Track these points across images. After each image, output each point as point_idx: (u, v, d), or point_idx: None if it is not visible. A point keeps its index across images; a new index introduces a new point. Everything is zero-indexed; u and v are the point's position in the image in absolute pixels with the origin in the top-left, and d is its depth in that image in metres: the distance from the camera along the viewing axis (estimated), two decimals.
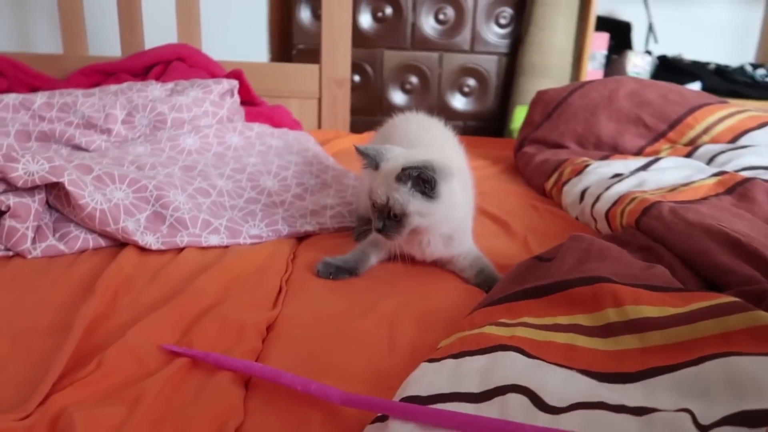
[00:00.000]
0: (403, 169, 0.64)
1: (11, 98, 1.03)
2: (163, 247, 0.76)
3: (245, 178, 0.96)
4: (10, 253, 0.73)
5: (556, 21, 1.98)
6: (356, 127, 1.73)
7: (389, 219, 0.66)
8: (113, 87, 1.13)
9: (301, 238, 0.85)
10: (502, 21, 2.20)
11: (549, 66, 2.01)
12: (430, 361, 0.49)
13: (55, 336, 0.55)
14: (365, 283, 0.71)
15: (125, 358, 0.52)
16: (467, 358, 0.47)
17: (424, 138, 0.82)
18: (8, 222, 0.72)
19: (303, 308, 0.64)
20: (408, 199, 0.65)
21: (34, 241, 0.73)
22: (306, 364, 0.53)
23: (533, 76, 2.03)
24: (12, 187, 0.73)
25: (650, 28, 2.05)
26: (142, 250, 0.75)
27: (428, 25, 2.20)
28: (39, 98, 1.04)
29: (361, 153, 0.71)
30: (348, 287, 0.69)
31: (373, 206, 0.68)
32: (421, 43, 2.22)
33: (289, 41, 2.19)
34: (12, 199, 0.72)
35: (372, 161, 0.70)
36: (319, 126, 1.52)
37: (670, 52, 2.09)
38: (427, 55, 2.22)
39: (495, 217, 0.92)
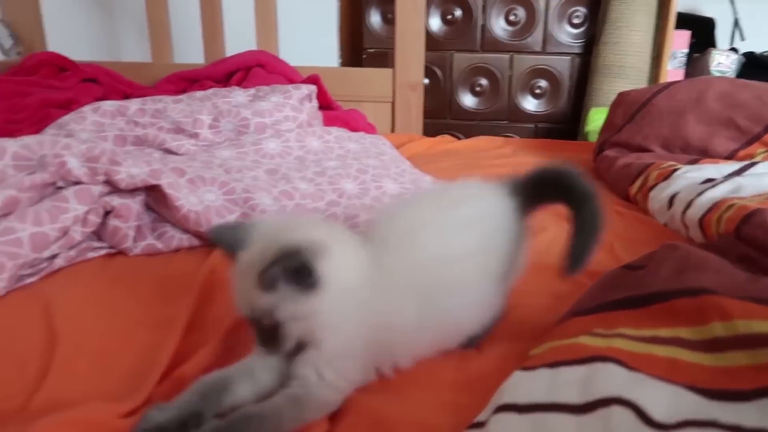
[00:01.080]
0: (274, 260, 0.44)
1: (108, 105, 1.10)
2: None
3: (326, 182, 0.98)
4: (114, 251, 0.78)
5: (633, 19, 1.91)
6: (427, 130, 1.73)
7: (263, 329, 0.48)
8: (199, 93, 1.18)
9: None
10: (576, 20, 2.15)
11: (625, 66, 1.94)
12: (524, 369, 0.49)
13: (161, 330, 0.58)
14: None
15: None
16: (563, 368, 0.47)
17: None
18: (112, 222, 0.77)
19: None
20: (282, 299, 0.46)
21: (135, 239, 0.78)
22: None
23: (609, 76, 1.97)
24: (115, 190, 0.78)
25: (736, 24, 1.94)
26: None
27: (498, 26, 2.18)
28: (133, 105, 1.11)
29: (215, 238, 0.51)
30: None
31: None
32: (491, 44, 2.20)
33: (360, 45, 2.22)
34: (116, 201, 0.77)
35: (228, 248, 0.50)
36: (393, 130, 1.53)
37: (758, 49, 1.98)
38: (497, 57, 2.20)
39: None
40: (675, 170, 0.93)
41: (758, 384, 0.42)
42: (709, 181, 0.86)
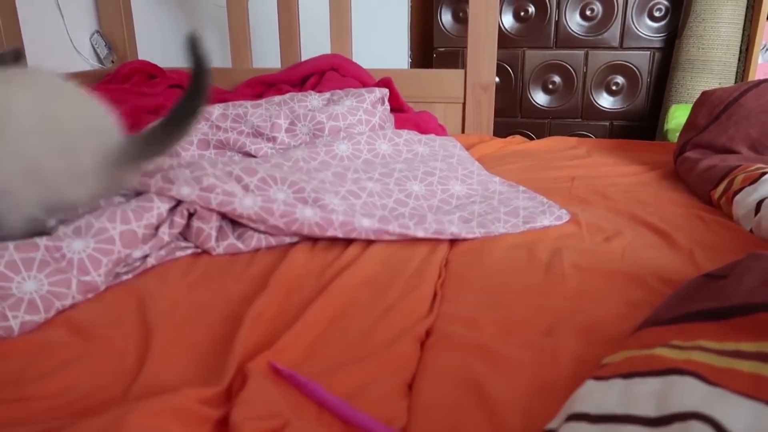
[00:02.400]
0: None
1: None
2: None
3: (393, 182, 1.00)
4: (199, 251, 0.83)
5: (720, 11, 1.82)
6: (497, 129, 1.72)
7: None
8: (277, 98, 1.23)
9: (452, 243, 0.86)
10: (657, 14, 2.07)
11: (711, 61, 1.85)
12: (597, 378, 0.48)
13: (239, 326, 0.61)
14: (520, 291, 0.71)
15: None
16: (638, 380, 0.46)
17: None
18: (195, 223, 0.82)
19: (459, 315, 0.66)
20: None
21: (217, 239, 0.82)
22: (466, 372, 0.55)
23: (692, 71, 1.88)
24: None
25: None
26: (310, 249, 0.82)
27: (573, 22, 2.13)
28: (216, 110, 1.17)
29: None
30: (503, 295, 0.70)
31: None
32: (566, 41, 2.16)
33: (430, 44, 2.23)
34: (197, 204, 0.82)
35: None
36: (463, 130, 1.53)
37: None
38: (571, 54, 2.16)
39: (656, 227, 0.88)
40: (763, 174, 0.88)
41: None
42: None
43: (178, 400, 0.47)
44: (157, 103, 1.32)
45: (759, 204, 0.83)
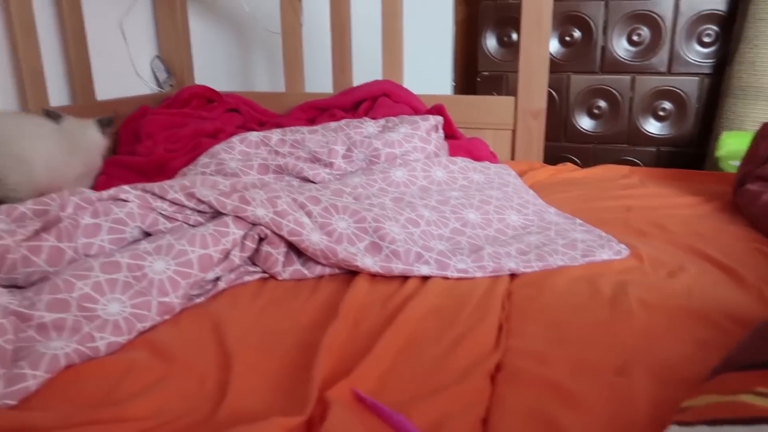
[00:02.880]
0: None
1: (253, 136, 1.20)
2: (381, 271, 0.83)
3: (448, 210, 1.01)
4: (265, 275, 0.85)
5: None
6: None
7: None
8: (333, 124, 1.26)
9: (513, 274, 0.87)
10: (706, 39, 2.05)
11: (764, 87, 1.82)
12: (680, 424, 0.48)
13: (313, 352, 0.63)
14: (587, 326, 0.71)
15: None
16: (726, 428, 0.46)
17: None
18: (265, 248, 0.84)
19: (527, 349, 0.66)
20: None
21: (284, 264, 0.85)
22: (541, 409, 0.55)
23: (744, 98, 1.85)
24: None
25: None
26: (372, 278, 0.84)
27: (620, 47, 2.13)
28: (275, 135, 1.20)
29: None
30: (569, 329, 0.70)
31: None
32: (612, 65, 2.15)
33: (474, 68, 2.25)
34: (267, 230, 0.84)
35: None
36: (513, 157, 1.54)
37: None
38: (617, 78, 2.15)
39: (720, 263, 0.87)
40: None
41: None
42: None
43: (270, 428, 0.49)
44: (215, 127, 1.37)
45: None
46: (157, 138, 1.28)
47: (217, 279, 0.81)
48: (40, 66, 1.29)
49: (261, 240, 0.85)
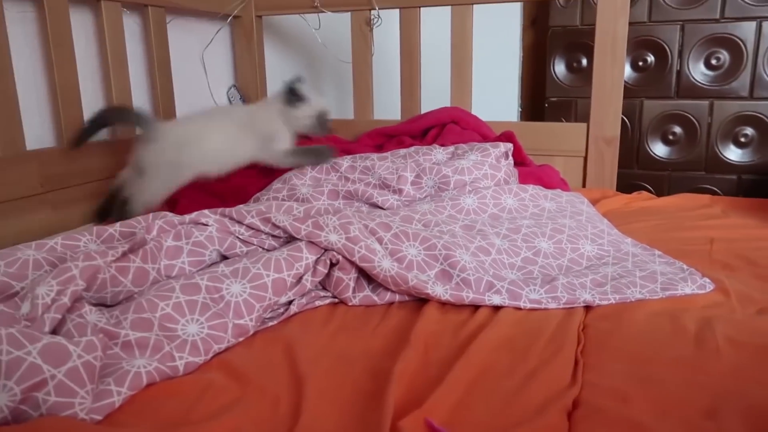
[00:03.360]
0: None
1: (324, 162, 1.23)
2: (451, 300, 0.83)
3: (520, 239, 0.99)
4: (335, 300, 0.86)
5: None
6: None
7: None
8: (402, 151, 1.27)
9: (587, 306, 0.84)
10: None
11: None
12: None
13: (384, 380, 0.63)
14: (670, 363, 0.67)
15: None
16: None
17: None
18: (336, 273, 0.85)
19: (606, 386, 0.63)
20: None
21: (354, 290, 0.86)
22: None
23: None
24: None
25: None
26: (442, 306, 0.83)
27: (697, 71, 2.05)
28: (345, 162, 1.23)
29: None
30: (651, 366, 0.67)
31: None
32: (688, 90, 2.07)
33: (542, 93, 2.22)
34: (339, 255, 0.85)
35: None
36: (584, 184, 1.50)
37: None
38: (694, 104, 2.07)
39: None
40: None
41: None
42: None
43: None
44: None
45: None
46: None
47: (290, 303, 0.82)
48: (129, 93, 1.38)
49: (332, 265, 0.86)
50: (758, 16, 1.89)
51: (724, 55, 1.97)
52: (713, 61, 1.99)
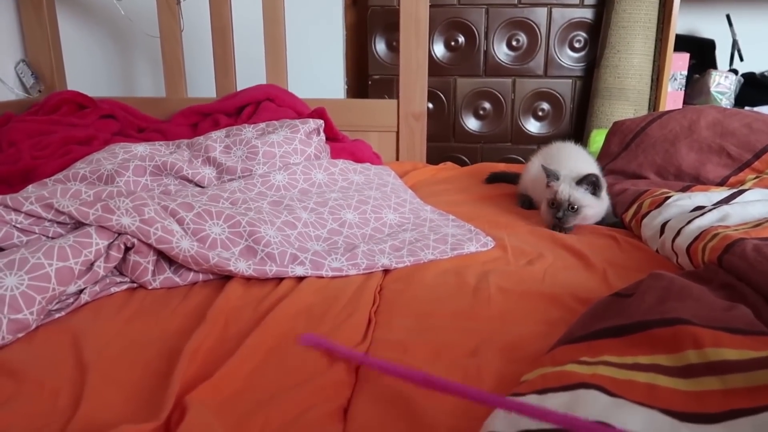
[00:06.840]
0: (584, 177, 1.02)
1: (140, 149, 1.15)
2: (254, 274, 0.84)
3: (327, 211, 1.03)
4: (135, 285, 0.83)
5: (632, 43, 1.97)
6: (431, 154, 1.78)
7: (567, 211, 1.02)
8: (214, 134, 1.24)
9: (385, 270, 0.90)
10: (576, 45, 2.21)
11: (626, 89, 2.00)
12: (515, 395, 0.53)
13: (176, 359, 0.62)
14: (449, 314, 0.75)
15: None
16: (550, 395, 0.51)
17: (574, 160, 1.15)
18: (132, 257, 0.82)
19: (391, 340, 0.69)
20: (584, 197, 1.02)
21: (153, 273, 0.83)
22: (399, 395, 0.57)
23: (610, 99, 2.02)
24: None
25: (735, 45, 1.99)
26: (246, 282, 0.84)
27: (501, 51, 2.24)
28: (162, 147, 1.16)
29: (547, 171, 1.08)
30: (432, 319, 0.74)
31: (552, 204, 1.04)
32: (494, 69, 2.26)
33: (365, 72, 2.29)
34: (134, 238, 0.82)
35: (554, 175, 1.06)
36: (397, 158, 1.59)
37: (757, 69, 2.02)
38: (500, 81, 2.26)
39: (574, 249, 0.94)
40: (667, 198, 0.97)
41: (726, 407, 0.46)
42: (699, 209, 0.90)
43: None
44: (88, 133, 1.30)
45: (662, 226, 0.91)
46: (21, 146, 1.20)
47: (81, 292, 0.78)
48: None
49: (128, 249, 0.83)
50: (549, 2, 2.11)
51: (523, 37, 2.18)
52: (514, 43, 2.19)
